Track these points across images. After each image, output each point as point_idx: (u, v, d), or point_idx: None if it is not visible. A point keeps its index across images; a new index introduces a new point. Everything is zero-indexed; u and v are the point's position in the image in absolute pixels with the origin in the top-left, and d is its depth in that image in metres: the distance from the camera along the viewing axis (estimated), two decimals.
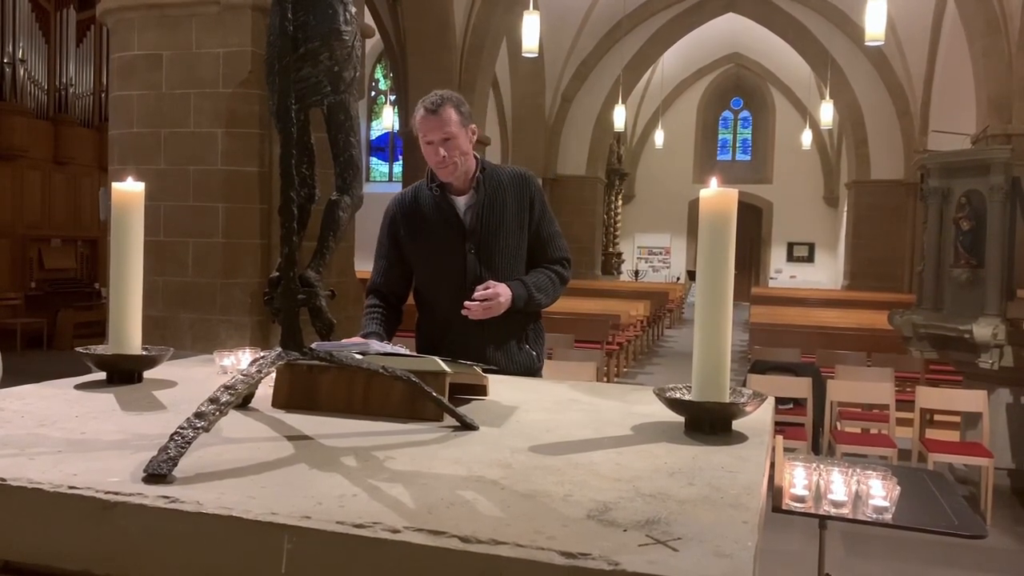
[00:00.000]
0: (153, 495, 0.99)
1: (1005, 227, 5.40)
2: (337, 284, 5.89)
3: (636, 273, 24.50)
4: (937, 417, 6.53)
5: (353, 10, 1.49)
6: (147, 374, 1.74)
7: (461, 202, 2.55)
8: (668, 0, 17.75)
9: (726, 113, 25.75)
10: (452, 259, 2.54)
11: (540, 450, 1.29)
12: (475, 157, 2.56)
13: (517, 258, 2.58)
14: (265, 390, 1.51)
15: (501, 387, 1.80)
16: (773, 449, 1.70)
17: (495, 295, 2.41)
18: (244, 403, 1.49)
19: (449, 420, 1.43)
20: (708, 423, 1.42)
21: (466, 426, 1.40)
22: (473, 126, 2.53)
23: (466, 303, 2.41)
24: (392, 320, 2.65)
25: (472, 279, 2.50)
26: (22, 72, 12.10)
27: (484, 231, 2.53)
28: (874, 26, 9.12)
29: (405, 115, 13.51)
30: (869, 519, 1.89)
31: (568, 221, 17.82)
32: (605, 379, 7.81)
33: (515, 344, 2.59)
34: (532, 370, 2.62)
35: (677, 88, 24.59)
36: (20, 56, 12.05)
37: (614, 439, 1.39)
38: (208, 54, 5.85)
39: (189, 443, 1.11)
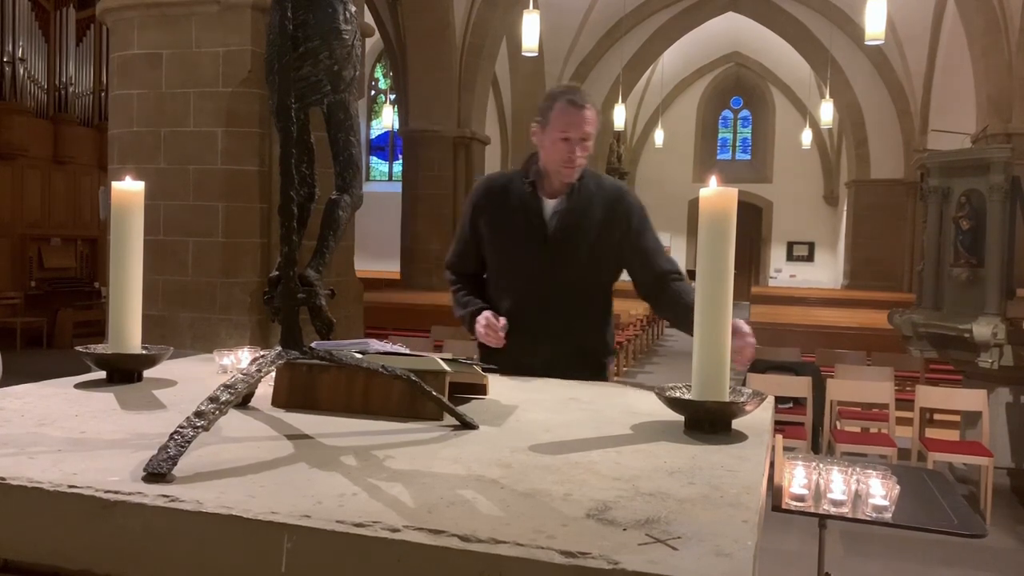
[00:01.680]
0: (153, 494, 0.99)
1: (1005, 226, 5.40)
2: (336, 283, 5.89)
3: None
4: (937, 416, 6.53)
5: (353, 9, 1.49)
6: (147, 373, 1.74)
7: (550, 205, 2.41)
8: None
9: (726, 112, 25.74)
10: (527, 260, 2.41)
11: (540, 449, 1.29)
12: None
13: (591, 273, 2.43)
14: (265, 389, 1.51)
15: (501, 386, 1.80)
16: (773, 448, 1.70)
17: (748, 333, 1.99)
18: (244, 402, 1.49)
19: (449, 419, 1.43)
20: (708, 422, 1.42)
21: (466, 425, 1.40)
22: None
23: (735, 359, 1.85)
24: (479, 291, 2.54)
25: (543, 286, 2.38)
26: (22, 71, 12.10)
27: (565, 239, 2.38)
28: (874, 25, 9.11)
29: (405, 114, 13.51)
30: (869, 518, 1.89)
31: None
32: None
33: (577, 359, 2.36)
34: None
35: (677, 87, 24.59)
36: (20, 55, 12.04)
37: (614, 438, 1.39)
38: (208, 53, 5.85)
39: (189, 442, 1.11)
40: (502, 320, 2.35)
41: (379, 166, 23.33)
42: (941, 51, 14.19)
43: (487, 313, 2.39)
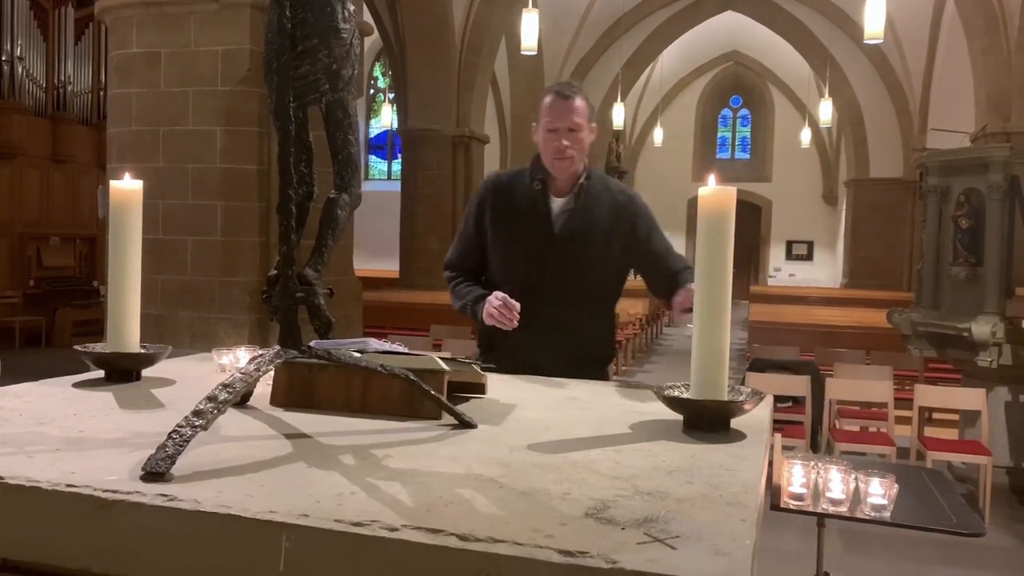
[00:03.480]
0: (151, 493, 0.98)
1: (1004, 225, 5.40)
2: (335, 282, 5.89)
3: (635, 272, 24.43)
4: (936, 415, 6.53)
5: (351, 8, 1.49)
6: (145, 372, 1.74)
7: (557, 204, 2.39)
8: None
9: (725, 111, 25.71)
10: (531, 261, 2.38)
11: (538, 448, 1.29)
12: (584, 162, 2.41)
13: (595, 273, 2.41)
14: (263, 388, 1.51)
15: (500, 385, 1.80)
16: (772, 447, 1.70)
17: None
18: (242, 401, 1.49)
19: (447, 418, 1.43)
20: (707, 421, 1.42)
21: (464, 424, 1.40)
22: (594, 124, 2.40)
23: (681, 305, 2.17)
24: (479, 284, 2.51)
25: (547, 283, 2.35)
26: (20, 70, 12.09)
27: (570, 238, 2.37)
28: (873, 24, 9.11)
29: (404, 113, 13.50)
30: (867, 517, 1.89)
31: None
32: None
33: (578, 360, 2.31)
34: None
35: (676, 86, 24.56)
36: (18, 54, 12.03)
37: (612, 437, 1.39)
38: (207, 52, 5.84)
39: (187, 441, 1.11)
40: (517, 303, 2.29)
41: (378, 165, 23.31)
42: (940, 50, 14.18)
43: (500, 294, 2.31)
